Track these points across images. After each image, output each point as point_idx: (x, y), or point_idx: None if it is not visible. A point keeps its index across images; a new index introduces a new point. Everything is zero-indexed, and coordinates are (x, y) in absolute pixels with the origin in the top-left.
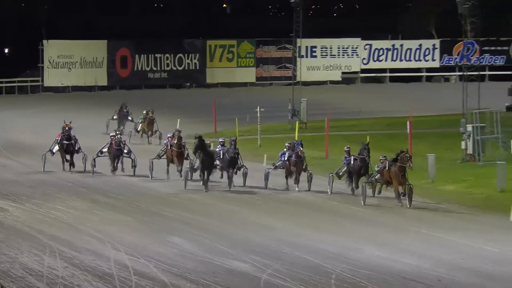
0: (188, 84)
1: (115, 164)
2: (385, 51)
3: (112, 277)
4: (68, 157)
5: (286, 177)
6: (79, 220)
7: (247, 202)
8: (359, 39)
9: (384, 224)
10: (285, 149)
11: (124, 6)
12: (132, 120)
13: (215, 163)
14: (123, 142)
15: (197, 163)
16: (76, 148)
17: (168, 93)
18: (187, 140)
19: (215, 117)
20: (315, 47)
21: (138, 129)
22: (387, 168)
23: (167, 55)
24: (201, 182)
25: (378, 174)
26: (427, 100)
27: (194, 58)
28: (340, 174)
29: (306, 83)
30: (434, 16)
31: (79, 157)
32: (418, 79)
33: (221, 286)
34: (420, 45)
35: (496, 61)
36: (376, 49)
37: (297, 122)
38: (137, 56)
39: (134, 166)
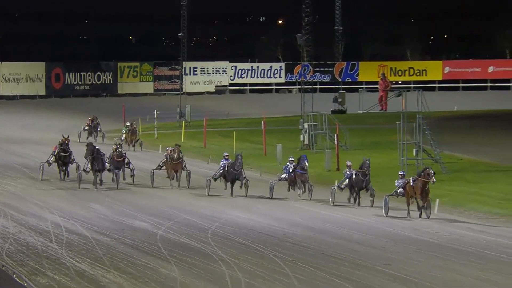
0: (104, 94)
1: (115, 173)
2: (246, 70)
3: (49, 233)
4: (63, 167)
5: (289, 186)
6: (25, 192)
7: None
8: (228, 62)
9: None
10: (288, 163)
11: (58, 36)
12: (100, 131)
13: (105, 165)
14: (124, 154)
15: (88, 166)
16: (70, 160)
17: (89, 101)
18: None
19: (124, 117)
20: (196, 67)
21: (122, 138)
22: (411, 183)
23: (89, 73)
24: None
25: (401, 189)
26: (276, 106)
27: (109, 75)
28: (342, 187)
29: (190, 94)
30: (280, 46)
31: (73, 166)
32: (269, 91)
33: (128, 239)
34: (271, 66)
35: (324, 78)
36: (239, 69)
37: (183, 122)
38: (67, 73)
39: (133, 175)
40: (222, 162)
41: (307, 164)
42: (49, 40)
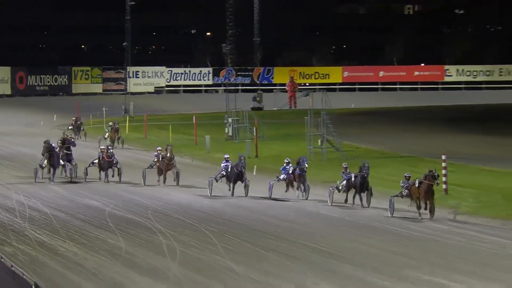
0: (61, 93)
1: (106, 173)
2: (180, 74)
3: (14, 210)
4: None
5: (287, 186)
6: None
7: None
8: (165, 67)
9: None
10: (284, 164)
11: (22, 45)
12: (83, 129)
13: (60, 162)
14: (113, 155)
15: (44, 162)
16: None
17: (48, 99)
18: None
19: (77, 113)
20: (138, 71)
21: (106, 136)
22: (417, 185)
23: (48, 75)
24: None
25: (406, 190)
26: (205, 104)
27: (65, 78)
28: (340, 188)
29: (133, 93)
30: (209, 53)
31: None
32: (199, 91)
33: (81, 215)
34: (201, 71)
35: (245, 81)
36: (174, 73)
37: (127, 116)
38: (29, 76)
39: (119, 174)
40: (223, 164)
41: (306, 165)
42: (14, 48)
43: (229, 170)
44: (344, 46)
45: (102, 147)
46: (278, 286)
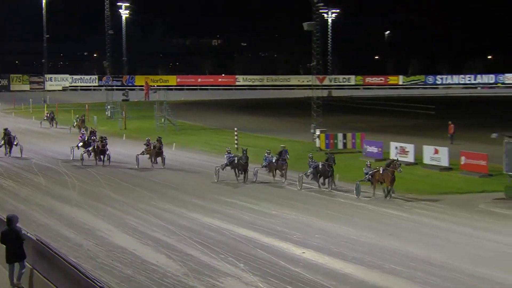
0: (3, 91)
1: (99, 158)
2: (78, 79)
3: None
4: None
5: (272, 173)
6: None
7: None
8: (68, 75)
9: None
10: (266, 154)
11: None
12: (54, 120)
13: (13, 143)
14: (106, 143)
15: (1, 142)
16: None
17: None
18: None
19: (14, 103)
20: (52, 77)
21: (74, 126)
22: (381, 172)
23: None
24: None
25: (370, 176)
26: (94, 97)
27: (6, 81)
28: (308, 174)
29: (48, 91)
30: (96, 66)
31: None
32: (90, 89)
33: (17, 164)
34: (90, 77)
35: (118, 83)
36: (75, 78)
37: (46, 105)
38: None
39: (108, 159)
40: (225, 156)
41: (288, 156)
42: None
43: (235, 161)
44: (177, 63)
45: (96, 139)
46: (137, 205)
